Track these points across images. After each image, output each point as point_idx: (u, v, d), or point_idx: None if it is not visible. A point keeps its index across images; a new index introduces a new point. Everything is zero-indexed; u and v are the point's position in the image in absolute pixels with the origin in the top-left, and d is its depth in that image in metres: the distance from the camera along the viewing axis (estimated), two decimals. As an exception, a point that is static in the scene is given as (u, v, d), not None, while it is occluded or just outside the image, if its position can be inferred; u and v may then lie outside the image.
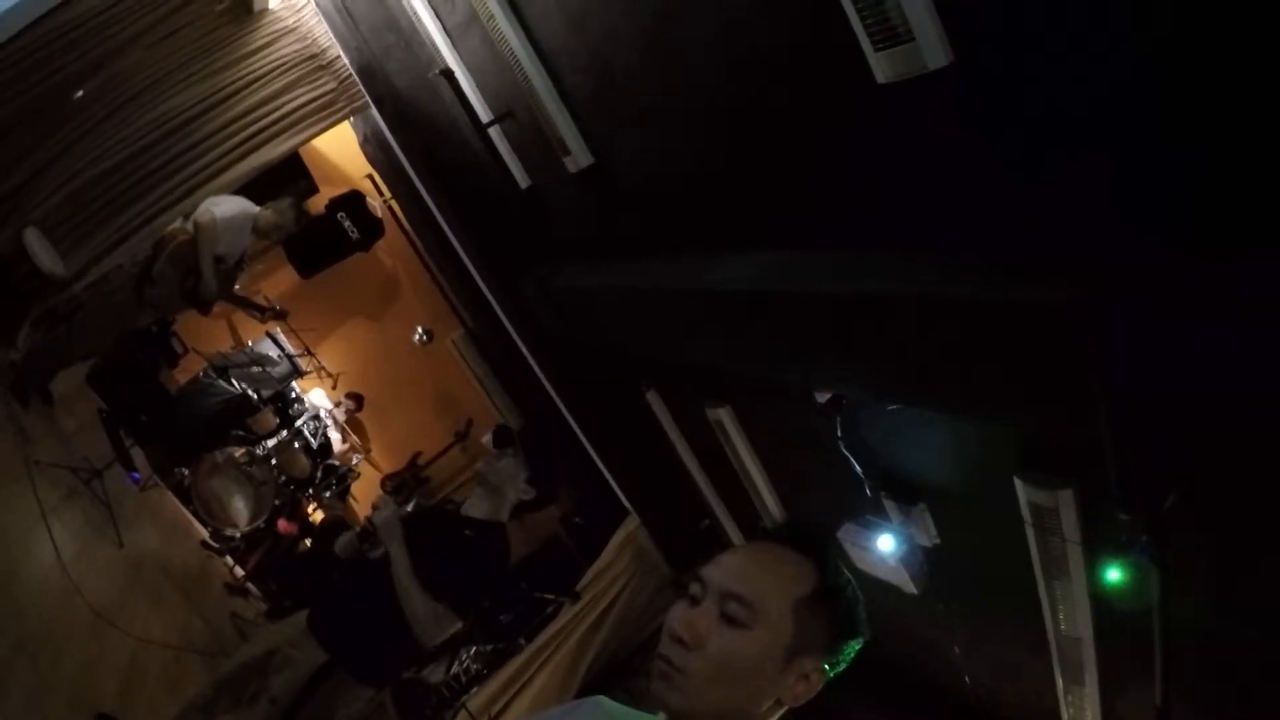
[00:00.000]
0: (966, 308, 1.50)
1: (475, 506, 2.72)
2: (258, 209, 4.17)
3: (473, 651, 4.89)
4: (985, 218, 1.55)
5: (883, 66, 1.38)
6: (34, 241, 3.27)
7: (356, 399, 6.79)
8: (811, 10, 1.54)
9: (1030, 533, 2.11)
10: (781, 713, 1.03)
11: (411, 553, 2.56)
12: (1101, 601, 2.12)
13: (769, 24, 1.74)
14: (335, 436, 6.49)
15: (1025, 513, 2.07)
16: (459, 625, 2.57)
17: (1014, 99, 1.33)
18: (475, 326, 6.59)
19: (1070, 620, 2.29)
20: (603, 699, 1.03)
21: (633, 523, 4.58)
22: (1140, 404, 1.33)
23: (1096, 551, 1.96)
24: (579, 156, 2.70)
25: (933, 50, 1.27)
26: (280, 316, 5.08)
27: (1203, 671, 1.99)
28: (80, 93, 3.46)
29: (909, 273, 1.64)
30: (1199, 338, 1.22)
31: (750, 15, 1.77)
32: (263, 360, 5.49)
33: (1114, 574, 1.85)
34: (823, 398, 2.37)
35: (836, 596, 1.05)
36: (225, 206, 3.90)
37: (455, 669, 4.69)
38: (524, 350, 4.36)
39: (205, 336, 5.94)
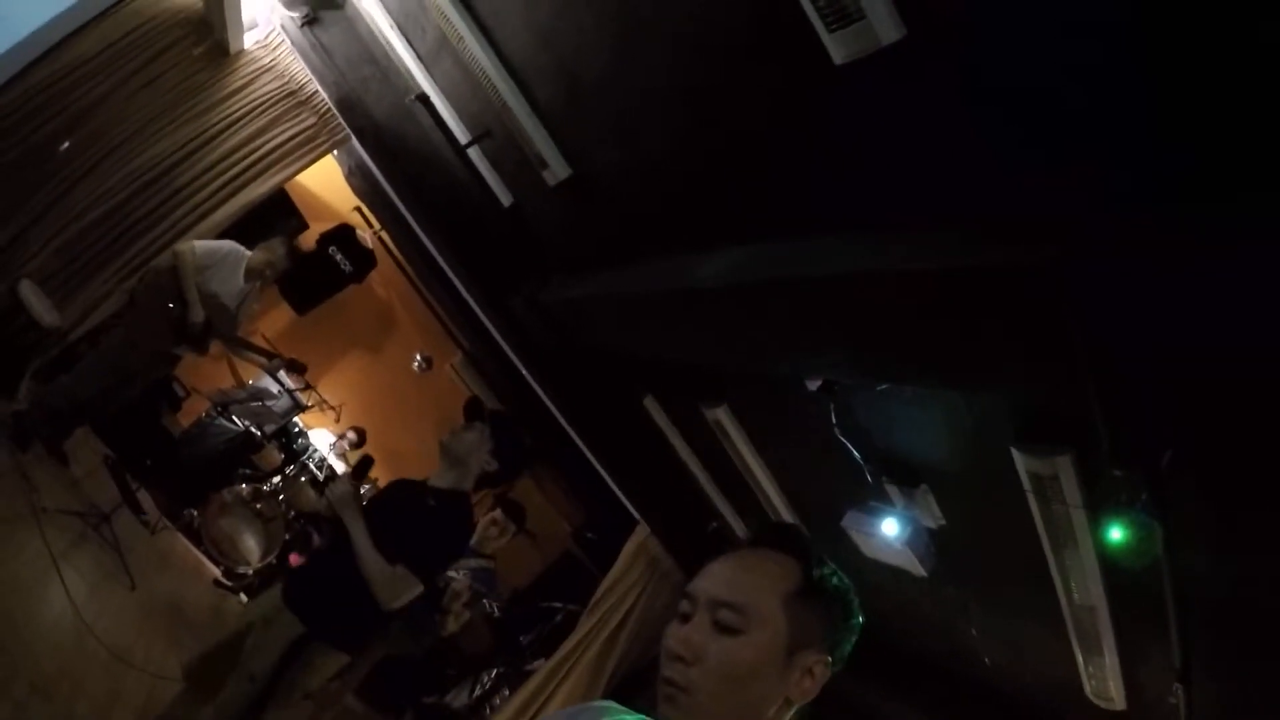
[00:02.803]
0: (941, 277, 1.52)
1: (440, 478, 2.74)
2: (248, 251, 4.20)
3: (494, 673, 4.88)
4: (954, 188, 1.57)
5: (838, 47, 1.40)
6: (29, 294, 3.31)
7: (359, 433, 6.80)
8: (763, 1, 1.56)
9: (1033, 502, 2.11)
10: (792, 712, 1.03)
11: (371, 521, 2.60)
12: (1111, 567, 2.11)
13: (726, 21, 1.76)
14: (340, 466, 6.51)
15: (1026, 483, 2.07)
16: (419, 589, 2.58)
17: (969, 65, 1.34)
18: (473, 350, 6.62)
19: (1082, 590, 2.28)
20: (611, 703, 1.02)
21: (643, 532, 4.58)
22: (1123, 357, 1.33)
23: (1100, 516, 1.95)
24: (557, 169, 2.73)
25: (884, 25, 1.30)
26: (294, 369, 5.03)
27: (1219, 630, 1.97)
28: (66, 145, 3.51)
29: (884, 249, 1.66)
30: (1178, 286, 1.23)
31: (707, 14, 1.80)
32: (262, 395, 5.52)
33: (1116, 534, 1.85)
34: (814, 385, 2.38)
35: (824, 586, 1.06)
36: (208, 241, 3.94)
37: (478, 691, 4.68)
38: (523, 369, 4.38)
39: (206, 379, 5.98)
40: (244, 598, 4.80)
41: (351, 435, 6.72)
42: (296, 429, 6.29)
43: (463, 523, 2.74)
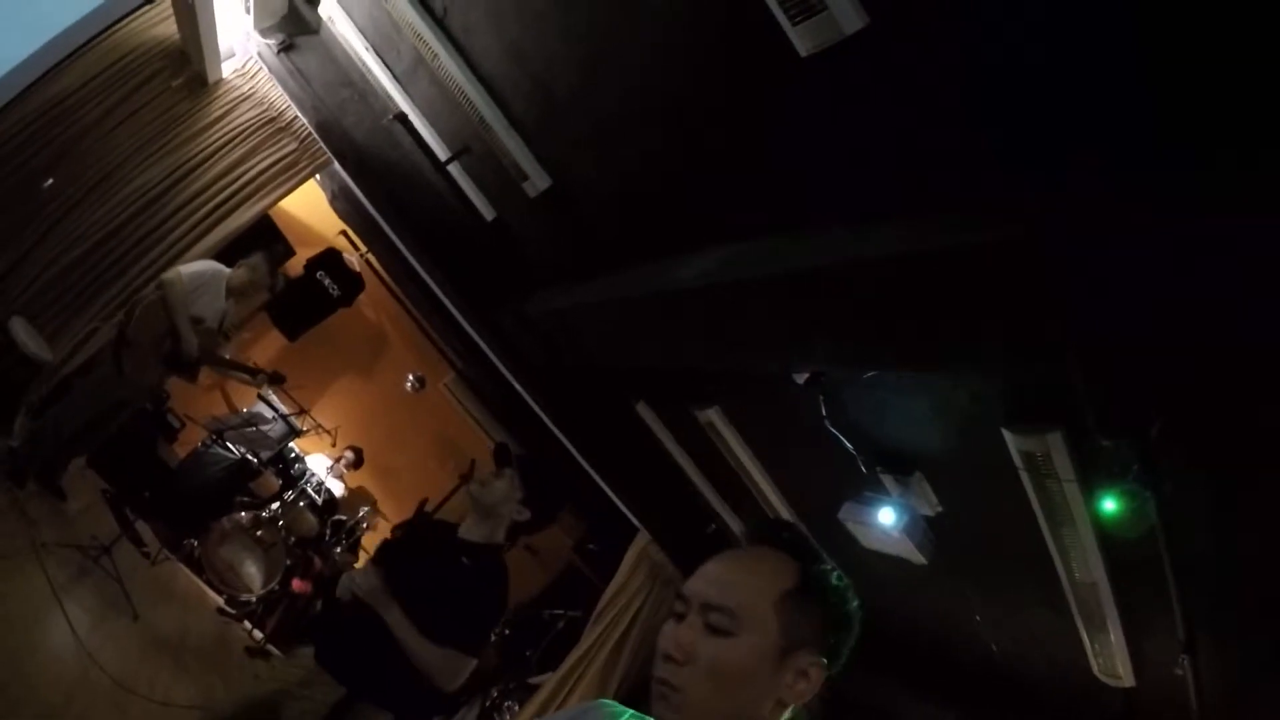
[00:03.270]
0: (923, 260, 1.53)
1: (471, 530, 2.63)
2: (229, 270, 4.18)
3: (501, 688, 4.86)
4: (926, 172, 1.59)
5: (803, 39, 1.42)
6: (20, 330, 3.31)
7: (356, 452, 6.80)
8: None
9: (1027, 482, 2.12)
10: (787, 713, 1.03)
11: (407, 600, 2.43)
12: (1109, 541, 2.11)
13: (693, 24, 1.79)
14: (338, 487, 6.49)
15: (1018, 462, 2.08)
16: (474, 663, 2.47)
17: (934, 49, 1.37)
18: (465, 368, 6.62)
19: (1082, 566, 2.28)
20: (608, 702, 1.04)
21: (643, 539, 4.57)
22: (1104, 328, 1.35)
23: (1094, 490, 1.96)
24: (536, 180, 2.75)
25: (846, 15, 1.32)
26: (276, 381, 5.02)
27: (1220, 599, 1.98)
28: (50, 181, 3.53)
29: (861, 239, 1.68)
30: (1150, 258, 1.24)
31: (674, 19, 1.82)
32: (256, 420, 5.51)
33: (1110, 505, 1.86)
34: (801, 378, 2.40)
35: (820, 586, 1.05)
36: (192, 265, 3.93)
37: (487, 705, 4.66)
38: (515, 384, 4.39)
39: (200, 408, 5.97)
40: (248, 624, 4.79)
41: (349, 455, 6.71)
42: (293, 454, 6.28)
43: (501, 582, 2.60)
